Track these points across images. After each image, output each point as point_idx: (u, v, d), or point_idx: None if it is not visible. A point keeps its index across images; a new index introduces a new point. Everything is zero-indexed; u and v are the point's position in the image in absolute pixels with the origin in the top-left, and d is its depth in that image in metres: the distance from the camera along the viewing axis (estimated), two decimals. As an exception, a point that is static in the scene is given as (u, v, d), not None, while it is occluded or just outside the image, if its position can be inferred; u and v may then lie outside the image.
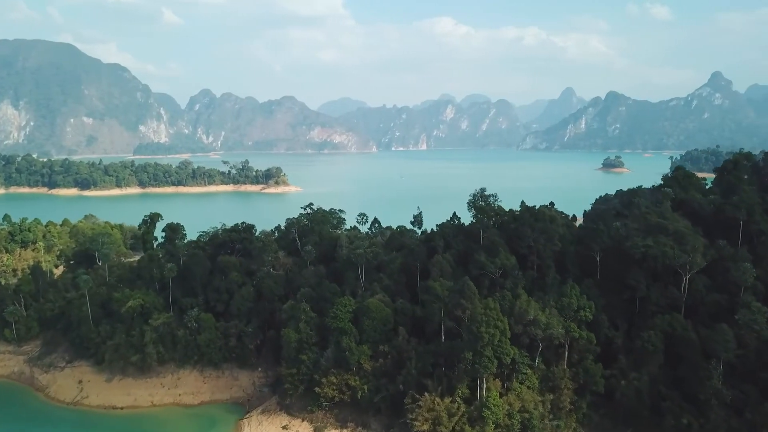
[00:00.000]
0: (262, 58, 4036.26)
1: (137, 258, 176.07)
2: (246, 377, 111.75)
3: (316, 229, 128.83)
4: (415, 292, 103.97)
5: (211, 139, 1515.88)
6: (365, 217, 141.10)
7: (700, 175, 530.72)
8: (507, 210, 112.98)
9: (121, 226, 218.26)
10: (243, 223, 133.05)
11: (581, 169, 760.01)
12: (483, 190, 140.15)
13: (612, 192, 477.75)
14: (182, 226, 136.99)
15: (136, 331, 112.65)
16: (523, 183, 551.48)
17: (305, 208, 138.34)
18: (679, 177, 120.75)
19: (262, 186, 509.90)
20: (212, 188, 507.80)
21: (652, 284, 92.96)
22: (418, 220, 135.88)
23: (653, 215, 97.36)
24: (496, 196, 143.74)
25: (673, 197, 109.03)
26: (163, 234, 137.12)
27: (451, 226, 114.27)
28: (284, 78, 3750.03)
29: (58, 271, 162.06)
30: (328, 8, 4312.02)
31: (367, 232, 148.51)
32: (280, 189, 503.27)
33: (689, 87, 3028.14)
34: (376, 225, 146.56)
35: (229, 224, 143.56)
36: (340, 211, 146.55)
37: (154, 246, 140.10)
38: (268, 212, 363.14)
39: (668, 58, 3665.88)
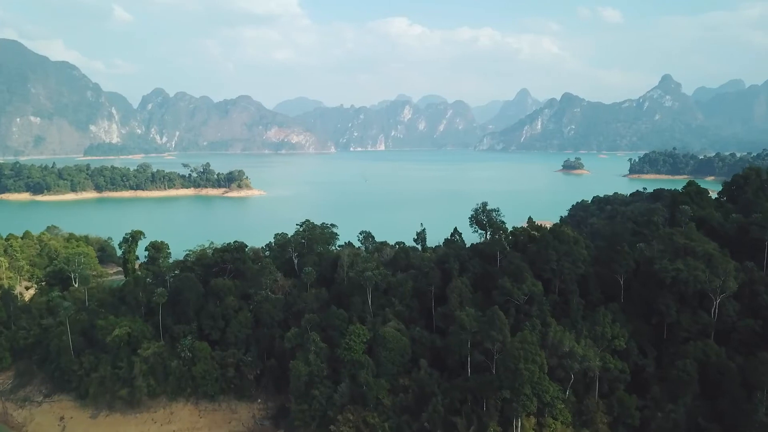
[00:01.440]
0: (215, 57, 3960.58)
1: (112, 273, 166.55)
2: (245, 410, 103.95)
3: (314, 248, 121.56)
4: (430, 319, 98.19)
5: (164, 139, 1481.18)
6: (366, 235, 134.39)
7: (657, 176, 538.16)
8: (521, 228, 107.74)
9: (86, 238, 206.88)
10: (235, 241, 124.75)
11: (542, 171, 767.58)
12: (485, 204, 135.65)
13: (575, 193, 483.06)
14: (166, 244, 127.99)
15: (123, 363, 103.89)
16: (489, 186, 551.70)
17: (301, 225, 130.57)
18: (691, 192, 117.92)
19: (224, 190, 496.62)
20: (173, 192, 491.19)
21: (681, 309, 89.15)
22: (421, 237, 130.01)
23: (679, 236, 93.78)
24: (498, 211, 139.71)
25: (691, 215, 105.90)
26: (146, 253, 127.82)
27: (464, 246, 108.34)
28: (239, 77, 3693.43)
29: (23, 291, 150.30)
30: (283, 7, 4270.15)
31: (360, 247, 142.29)
32: (242, 193, 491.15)
33: (639, 88, 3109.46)
34: (370, 240, 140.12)
35: (212, 237, 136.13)
36: (332, 225, 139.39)
37: (137, 266, 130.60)
38: (236, 218, 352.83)
39: (618, 60, 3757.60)
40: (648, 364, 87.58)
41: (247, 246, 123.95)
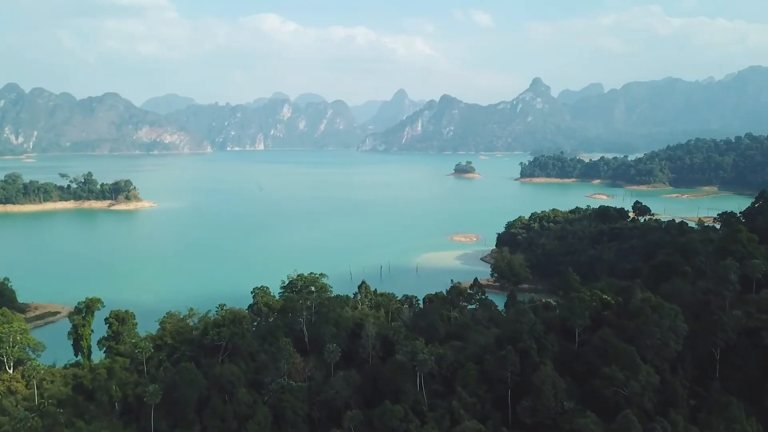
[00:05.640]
0: (72, 50, 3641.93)
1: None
2: None
3: (330, 316, 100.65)
4: (503, 409, 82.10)
5: (21, 139, 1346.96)
6: (369, 289, 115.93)
7: (548, 180, 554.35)
8: (597, 291, 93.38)
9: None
10: (223, 306, 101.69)
11: (435, 175, 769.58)
12: (502, 250, 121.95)
13: (480, 201, 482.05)
14: (132, 314, 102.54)
15: (107, 488, 79.49)
16: (389, 192, 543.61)
17: (293, 280, 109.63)
18: (743, 240, 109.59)
19: (109, 202, 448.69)
20: (49, 206, 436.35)
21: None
22: (453, 294, 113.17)
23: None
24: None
25: (764, 270, 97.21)
26: (107, 326, 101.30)
27: (531, 317, 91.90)
28: (101, 72, 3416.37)
29: None
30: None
31: (356, 296, 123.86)
32: (131, 205, 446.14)
33: (510, 90, 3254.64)
34: (366, 290, 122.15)
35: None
36: (321, 275, 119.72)
37: (94, 344, 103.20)
38: (141, 240, 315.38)
39: (490, 63, 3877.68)
40: (768, 456, 77.04)
41: (246, 316, 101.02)
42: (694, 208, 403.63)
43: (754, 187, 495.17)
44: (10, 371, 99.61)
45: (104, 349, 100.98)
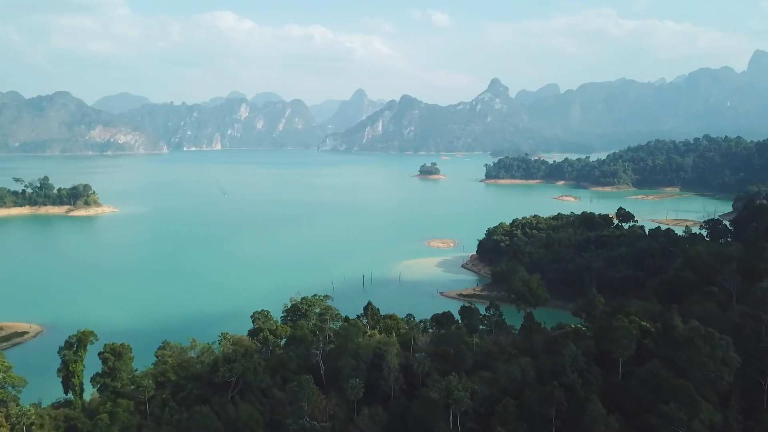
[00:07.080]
0: (20, 47, 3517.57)
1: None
2: None
3: (350, 346, 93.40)
4: (546, 449, 76.93)
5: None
6: (375, 310, 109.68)
7: (513, 181, 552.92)
8: (634, 318, 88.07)
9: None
10: (225, 335, 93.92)
11: (400, 177, 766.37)
12: (518, 269, 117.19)
13: (450, 204, 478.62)
14: (129, 347, 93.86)
15: None
16: (357, 195, 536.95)
17: (292, 301, 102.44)
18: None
19: (67, 207, 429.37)
20: (3, 212, 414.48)
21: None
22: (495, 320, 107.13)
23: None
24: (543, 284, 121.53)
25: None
26: (102, 362, 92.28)
27: (572, 349, 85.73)
28: (51, 70, 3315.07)
29: None
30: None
31: (360, 319, 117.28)
32: (91, 211, 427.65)
33: (468, 89, 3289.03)
34: (371, 312, 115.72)
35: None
36: (326, 296, 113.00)
37: (88, 381, 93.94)
38: (102, 246, 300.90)
39: (448, 63, 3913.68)
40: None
41: (254, 354, 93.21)
42: (661, 209, 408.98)
43: (714, 188, 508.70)
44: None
45: (98, 386, 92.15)
